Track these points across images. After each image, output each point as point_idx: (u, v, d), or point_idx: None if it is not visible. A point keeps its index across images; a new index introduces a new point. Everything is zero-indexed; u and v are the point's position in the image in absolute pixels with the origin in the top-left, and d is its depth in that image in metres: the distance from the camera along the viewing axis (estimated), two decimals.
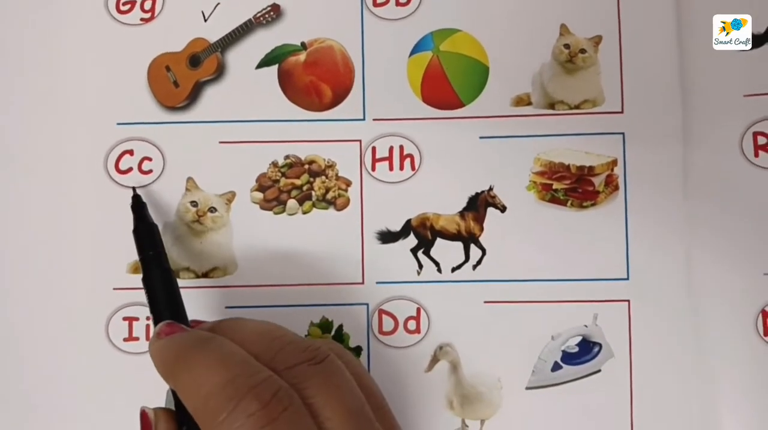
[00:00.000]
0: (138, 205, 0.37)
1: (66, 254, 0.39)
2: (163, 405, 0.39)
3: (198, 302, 0.39)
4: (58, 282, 0.39)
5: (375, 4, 0.40)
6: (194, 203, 0.40)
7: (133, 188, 0.39)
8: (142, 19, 0.40)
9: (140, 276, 0.39)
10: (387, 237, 0.40)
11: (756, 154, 0.39)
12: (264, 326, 0.32)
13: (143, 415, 0.32)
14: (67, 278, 0.39)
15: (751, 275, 0.39)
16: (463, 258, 0.40)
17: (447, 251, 0.40)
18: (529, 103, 0.40)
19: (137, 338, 0.39)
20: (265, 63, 0.40)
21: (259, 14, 0.40)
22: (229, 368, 0.28)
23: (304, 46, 0.40)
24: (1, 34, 0.40)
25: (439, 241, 0.40)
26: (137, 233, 0.36)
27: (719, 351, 0.39)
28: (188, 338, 0.31)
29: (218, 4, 0.40)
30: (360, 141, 0.40)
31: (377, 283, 0.40)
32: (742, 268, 0.39)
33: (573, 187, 0.40)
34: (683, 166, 0.40)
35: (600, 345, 0.40)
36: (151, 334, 0.39)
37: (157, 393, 0.39)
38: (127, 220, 0.39)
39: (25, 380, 0.39)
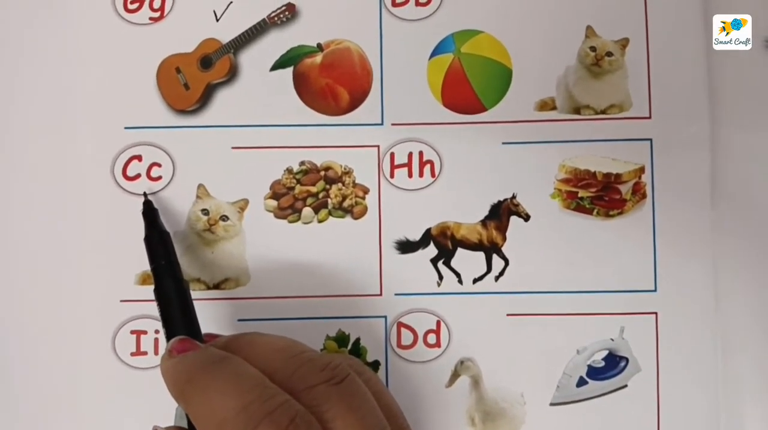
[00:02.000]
0: (149, 212, 0.36)
1: (71, 264, 0.38)
2: (172, 422, 0.37)
3: (209, 314, 0.38)
4: (62, 293, 0.38)
5: (394, 5, 0.39)
6: (205, 211, 0.38)
7: (144, 194, 0.37)
8: (151, 19, 0.39)
9: (149, 287, 0.37)
10: (406, 247, 0.38)
11: None
12: (281, 342, 0.30)
13: None
14: (72, 289, 0.38)
15: None
16: (484, 269, 0.39)
17: (468, 261, 0.38)
18: (554, 108, 0.39)
19: (145, 353, 0.38)
20: (279, 65, 0.39)
21: (273, 14, 0.39)
22: (244, 393, 0.26)
23: (320, 47, 0.39)
24: (5, 33, 0.38)
25: (460, 251, 0.38)
26: (149, 241, 0.35)
27: (747, 365, 0.38)
28: (201, 357, 0.29)
29: (231, 3, 0.39)
30: (378, 147, 0.39)
31: (396, 295, 0.38)
32: None
33: (599, 195, 0.39)
34: (711, 173, 0.38)
35: (627, 359, 0.38)
36: (163, 349, 0.37)
37: (165, 410, 0.37)
38: (135, 228, 0.37)
39: (30, 395, 0.38)
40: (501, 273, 0.38)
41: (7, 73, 0.38)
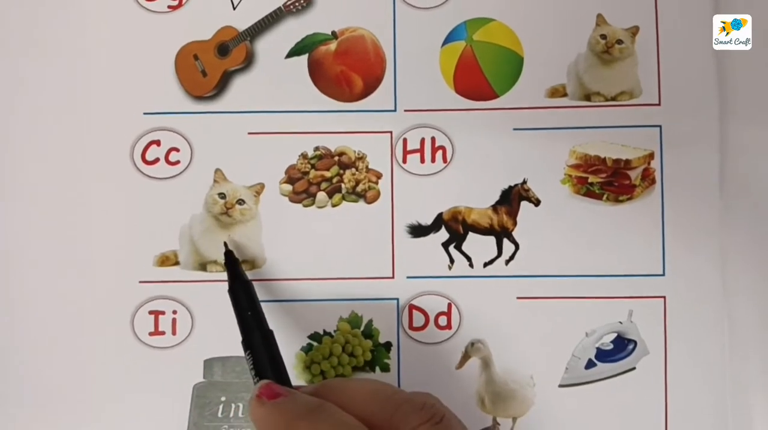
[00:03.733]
0: (231, 262, 0.36)
1: (90, 247, 0.39)
2: (188, 401, 0.38)
3: (225, 295, 0.38)
4: (82, 275, 0.39)
5: None
6: (222, 195, 0.39)
7: (225, 244, 0.37)
8: (169, 7, 0.39)
9: (167, 269, 0.39)
10: (418, 231, 0.39)
11: None
12: (370, 384, 0.31)
13: None
14: (92, 270, 0.39)
15: None
16: (495, 253, 0.39)
17: (479, 245, 0.39)
18: (565, 95, 0.39)
19: (163, 333, 0.39)
20: (294, 52, 0.39)
21: (289, 2, 0.39)
22: None
23: (334, 35, 0.40)
24: (26, 20, 0.39)
25: (471, 235, 0.39)
26: (234, 292, 0.35)
27: (754, 349, 0.38)
28: (296, 405, 0.29)
29: None
30: (391, 132, 0.39)
31: (408, 277, 0.39)
32: None
33: (609, 180, 0.39)
34: (720, 159, 0.39)
35: (635, 342, 0.39)
36: (181, 330, 0.38)
37: (182, 389, 0.38)
38: (153, 211, 0.39)
39: (49, 375, 0.38)
40: (511, 257, 0.39)
41: (27, 60, 0.39)
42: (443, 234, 0.39)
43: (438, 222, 0.39)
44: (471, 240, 0.39)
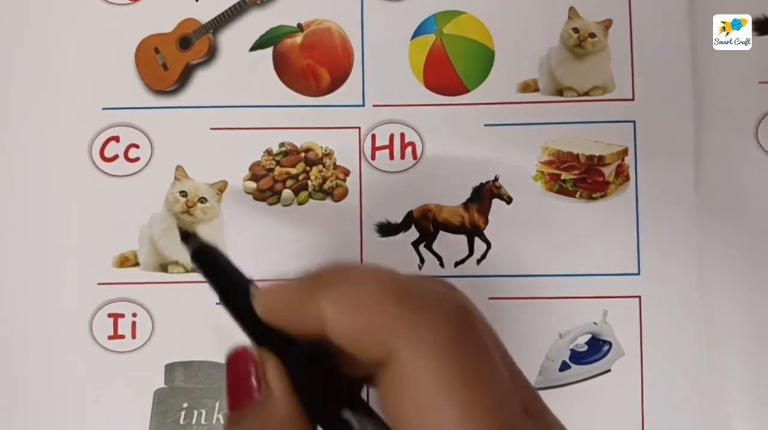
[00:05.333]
0: (185, 236, 0.27)
1: (48, 247, 0.37)
2: (150, 407, 0.37)
3: (187, 297, 0.37)
4: (39, 276, 0.37)
5: None
6: (183, 193, 0.37)
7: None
8: None
9: (126, 270, 0.38)
10: (387, 230, 0.38)
11: None
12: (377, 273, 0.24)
13: (241, 356, 0.21)
14: (49, 272, 0.37)
15: (764, 272, 0.38)
16: (466, 252, 0.38)
17: (450, 244, 0.38)
18: (537, 90, 0.38)
19: (122, 336, 0.37)
20: (259, 45, 0.38)
21: None
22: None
23: (300, 27, 0.39)
24: None
25: (441, 234, 0.38)
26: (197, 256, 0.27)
27: (731, 349, 0.37)
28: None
29: None
30: (359, 128, 0.38)
31: None
32: (754, 264, 0.38)
33: (582, 177, 0.38)
34: (695, 156, 0.38)
35: (610, 343, 0.38)
36: (141, 334, 0.37)
37: (142, 395, 0.37)
38: (112, 210, 0.37)
39: (5, 379, 0.37)
40: (483, 256, 0.38)
41: None
42: (413, 233, 0.38)
43: (408, 220, 0.38)
44: (442, 239, 0.38)
